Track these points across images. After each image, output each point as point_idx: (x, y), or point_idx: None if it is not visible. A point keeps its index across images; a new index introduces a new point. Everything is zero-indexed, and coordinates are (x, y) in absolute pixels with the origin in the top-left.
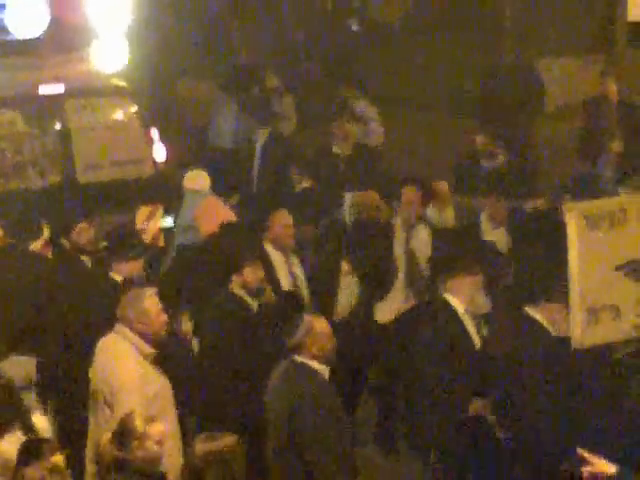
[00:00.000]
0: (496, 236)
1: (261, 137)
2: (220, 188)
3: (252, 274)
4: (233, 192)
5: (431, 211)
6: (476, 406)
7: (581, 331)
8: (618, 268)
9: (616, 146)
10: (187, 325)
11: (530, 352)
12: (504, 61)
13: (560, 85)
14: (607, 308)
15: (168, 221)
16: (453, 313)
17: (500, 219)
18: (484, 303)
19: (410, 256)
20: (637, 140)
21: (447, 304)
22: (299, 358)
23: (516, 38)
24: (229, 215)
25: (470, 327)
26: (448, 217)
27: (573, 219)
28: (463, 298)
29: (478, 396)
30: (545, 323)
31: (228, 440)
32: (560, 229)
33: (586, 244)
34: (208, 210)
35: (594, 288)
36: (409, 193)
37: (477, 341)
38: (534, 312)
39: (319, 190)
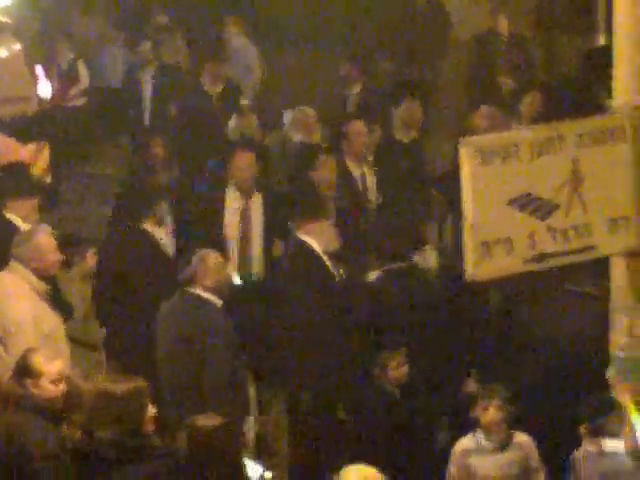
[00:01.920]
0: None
1: (148, 74)
2: (108, 126)
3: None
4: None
5: None
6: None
7: (474, 265)
8: (511, 202)
9: (504, 81)
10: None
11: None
12: None
13: (454, 18)
14: (500, 242)
15: None
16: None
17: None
18: (335, 241)
19: None
20: (526, 75)
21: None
22: (192, 289)
23: None
24: None
25: (327, 263)
26: None
27: (467, 154)
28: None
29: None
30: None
31: (129, 383)
32: None
33: (480, 179)
34: None
35: (487, 222)
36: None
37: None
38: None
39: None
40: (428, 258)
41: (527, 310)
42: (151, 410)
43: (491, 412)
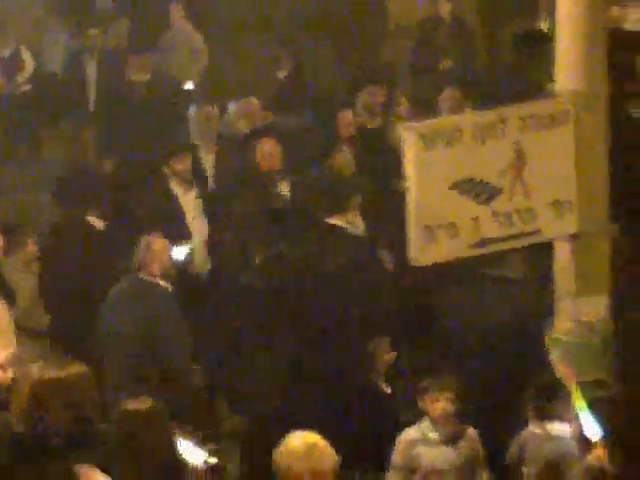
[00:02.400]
0: None
1: (92, 60)
2: (51, 112)
3: None
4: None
5: None
6: None
7: (419, 249)
8: (455, 187)
9: (444, 64)
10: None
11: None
12: None
13: (397, 3)
14: (444, 226)
15: None
16: None
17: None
18: None
19: None
20: (469, 58)
21: None
22: (141, 275)
23: None
24: None
25: None
26: None
27: (410, 138)
28: None
29: None
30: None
31: (75, 369)
32: None
33: (423, 163)
34: None
35: (431, 207)
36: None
37: None
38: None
39: None
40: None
41: (447, 294)
42: (96, 396)
43: (442, 405)
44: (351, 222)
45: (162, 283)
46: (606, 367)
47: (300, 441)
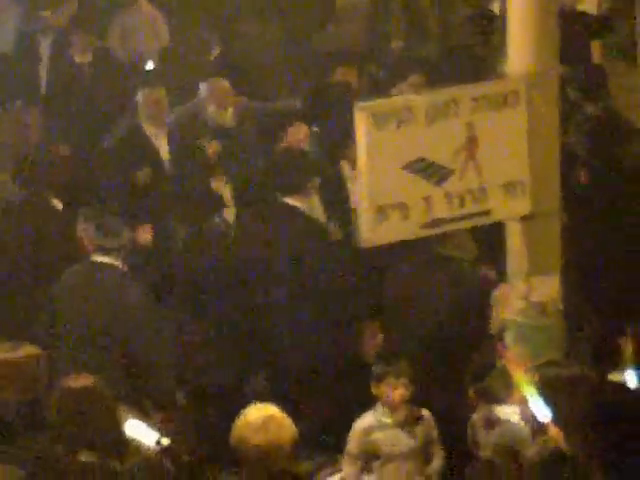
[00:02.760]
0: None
1: (45, 41)
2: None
3: None
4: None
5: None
6: None
7: (370, 230)
8: (406, 167)
9: (396, 44)
10: None
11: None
12: None
13: None
14: (395, 207)
15: None
16: None
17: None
18: None
19: None
20: (419, 38)
21: None
22: (95, 256)
23: None
24: None
25: None
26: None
27: (361, 118)
28: None
29: None
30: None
31: (26, 350)
32: None
33: (374, 143)
34: None
35: (382, 187)
36: None
37: None
38: (293, 200)
39: None
40: None
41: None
42: (46, 378)
43: (399, 391)
44: (308, 205)
45: (116, 263)
46: (559, 347)
47: (257, 413)
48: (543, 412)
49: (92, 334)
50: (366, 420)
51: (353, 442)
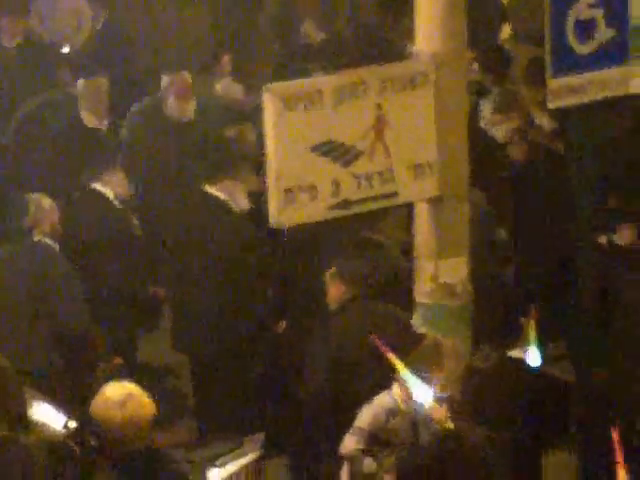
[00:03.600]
0: None
1: None
2: None
3: None
4: None
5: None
6: None
7: (278, 212)
8: (315, 149)
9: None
10: None
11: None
12: None
13: None
14: (304, 188)
15: None
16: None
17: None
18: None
19: None
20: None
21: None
22: (36, 237)
23: None
24: None
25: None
26: None
27: (269, 100)
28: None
29: None
30: (227, 199)
31: None
32: None
33: (282, 125)
34: None
35: (291, 169)
36: None
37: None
38: (214, 190)
39: None
40: None
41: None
42: None
43: None
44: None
45: (51, 243)
46: (467, 329)
47: (116, 391)
48: (423, 394)
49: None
50: (386, 400)
51: (368, 418)
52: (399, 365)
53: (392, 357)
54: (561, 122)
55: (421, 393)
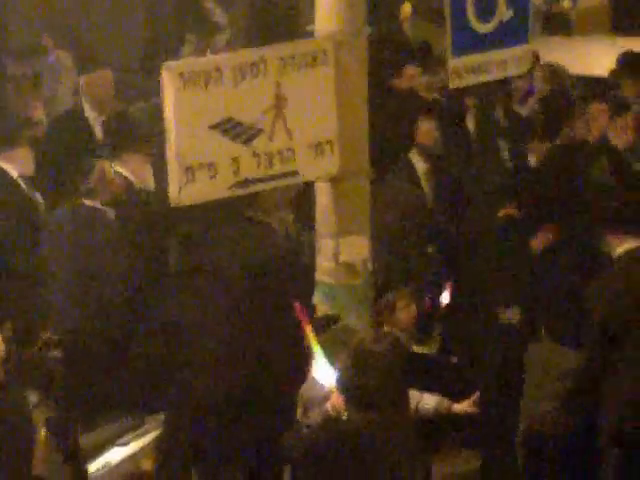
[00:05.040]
0: None
1: None
2: None
3: None
4: None
5: None
6: None
7: (178, 189)
8: (214, 127)
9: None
10: None
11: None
12: None
13: None
14: (204, 167)
15: None
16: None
17: None
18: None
19: None
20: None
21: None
22: (89, 202)
23: None
24: None
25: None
26: None
27: (169, 78)
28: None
29: None
30: (130, 175)
31: None
32: None
33: (182, 103)
34: None
35: (190, 147)
36: None
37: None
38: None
39: None
40: None
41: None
42: None
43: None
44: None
45: (109, 211)
46: (367, 307)
47: None
48: (327, 375)
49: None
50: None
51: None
52: (314, 341)
53: (309, 331)
54: None
55: (324, 374)
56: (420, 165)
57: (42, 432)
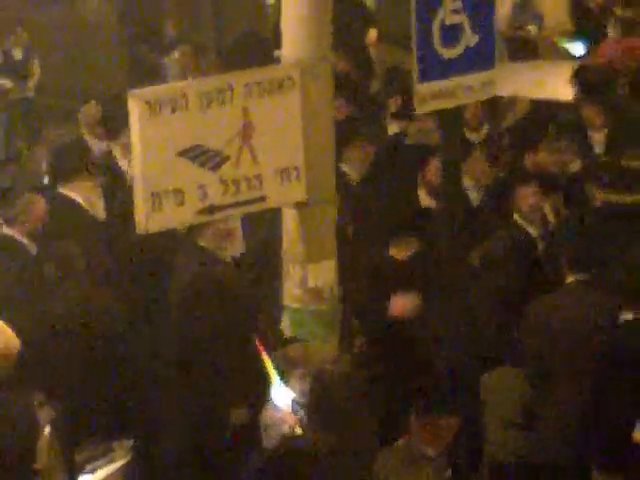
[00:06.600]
0: None
1: None
2: None
3: None
4: None
5: None
6: None
7: (145, 217)
8: (181, 153)
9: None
10: None
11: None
12: None
13: None
14: (171, 193)
15: None
16: None
17: None
18: None
19: None
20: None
21: None
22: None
23: None
24: None
25: None
26: None
27: (134, 105)
28: None
29: None
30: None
31: None
32: None
33: (148, 130)
34: None
35: (157, 173)
36: None
37: None
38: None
39: None
40: None
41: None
42: None
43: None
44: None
45: (28, 243)
46: (335, 332)
47: None
48: (283, 398)
49: None
50: None
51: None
52: (270, 368)
53: (266, 359)
54: None
55: (280, 395)
56: None
57: (46, 431)
